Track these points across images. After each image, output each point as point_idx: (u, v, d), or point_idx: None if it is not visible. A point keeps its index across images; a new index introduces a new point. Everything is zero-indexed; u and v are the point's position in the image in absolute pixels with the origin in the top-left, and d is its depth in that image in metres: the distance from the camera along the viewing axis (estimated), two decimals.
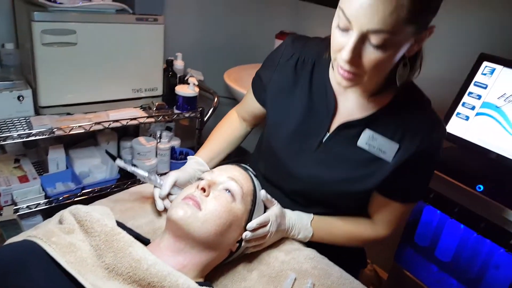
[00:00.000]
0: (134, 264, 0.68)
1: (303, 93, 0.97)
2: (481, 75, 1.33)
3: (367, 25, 0.70)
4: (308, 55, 0.97)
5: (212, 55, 2.24)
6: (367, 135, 0.90)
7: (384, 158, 0.89)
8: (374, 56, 0.74)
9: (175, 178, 0.98)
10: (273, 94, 1.01)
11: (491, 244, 1.20)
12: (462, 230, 1.26)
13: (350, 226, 1.01)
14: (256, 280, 0.86)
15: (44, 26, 1.35)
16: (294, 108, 0.97)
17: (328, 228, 1.00)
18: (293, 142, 0.97)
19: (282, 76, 1.00)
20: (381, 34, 0.70)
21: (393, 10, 0.68)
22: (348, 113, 0.93)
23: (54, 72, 1.43)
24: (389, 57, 0.75)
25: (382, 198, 0.96)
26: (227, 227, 0.80)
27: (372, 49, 0.73)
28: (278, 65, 1.01)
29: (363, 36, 0.72)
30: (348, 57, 0.74)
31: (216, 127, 1.21)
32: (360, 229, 1.01)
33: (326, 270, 0.91)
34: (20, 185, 1.44)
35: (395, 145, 0.88)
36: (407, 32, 0.72)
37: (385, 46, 0.72)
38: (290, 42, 1.01)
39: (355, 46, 0.73)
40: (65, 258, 0.68)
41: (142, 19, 1.56)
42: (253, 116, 1.15)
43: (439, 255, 1.33)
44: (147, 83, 1.68)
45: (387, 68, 0.81)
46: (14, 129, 1.37)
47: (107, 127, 1.54)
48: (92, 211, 0.77)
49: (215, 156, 1.13)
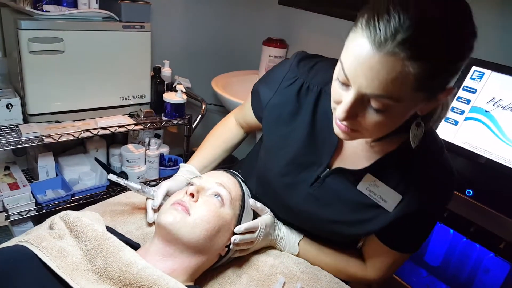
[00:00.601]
0: (125, 268, 0.69)
1: (303, 123, 0.89)
2: (470, 79, 1.33)
3: (366, 88, 0.62)
4: (314, 82, 0.89)
5: (199, 62, 2.25)
6: (368, 181, 0.83)
7: (384, 207, 0.83)
8: (374, 119, 0.66)
9: (167, 188, 0.98)
10: (271, 119, 0.94)
11: (480, 249, 1.21)
12: (452, 235, 1.28)
13: (339, 260, 0.96)
14: (246, 284, 0.87)
15: (31, 34, 1.35)
16: (293, 137, 0.90)
17: (315, 255, 0.97)
18: (288, 173, 0.91)
19: (282, 101, 0.91)
20: (382, 99, 0.62)
21: (397, 77, 0.59)
22: (351, 153, 0.86)
23: (42, 80, 1.43)
24: (391, 120, 0.67)
25: (379, 243, 0.90)
26: (216, 231, 0.81)
27: (373, 112, 0.65)
28: (279, 88, 0.92)
29: (362, 97, 0.64)
30: (343, 117, 0.67)
31: (212, 132, 1.16)
32: (348, 266, 0.96)
33: (315, 274, 0.93)
34: (11, 192, 1.44)
35: (398, 196, 0.81)
36: (414, 98, 0.63)
37: (388, 111, 0.64)
38: (295, 64, 0.92)
39: (352, 105, 0.65)
40: (56, 262, 0.68)
41: (129, 27, 1.56)
42: (251, 126, 1.11)
43: (429, 260, 1.35)
44: (135, 90, 1.68)
45: (390, 129, 0.71)
46: (3, 137, 1.37)
47: (95, 134, 1.55)
48: (82, 217, 0.78)
49: (209, 164, 1.11)
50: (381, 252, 0.92)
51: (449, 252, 1.30)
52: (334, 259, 0.97)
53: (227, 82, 2.06)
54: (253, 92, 1.05)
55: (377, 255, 0.93)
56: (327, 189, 0.88)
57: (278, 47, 2.13)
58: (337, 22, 1.92)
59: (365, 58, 0.60)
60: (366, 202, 0.84)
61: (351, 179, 0.85)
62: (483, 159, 1.25)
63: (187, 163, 1.11)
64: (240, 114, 1.13)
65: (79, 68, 1.50)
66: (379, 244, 0.90)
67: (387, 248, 0.90)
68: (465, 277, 1.27)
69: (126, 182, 0.98)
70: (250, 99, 1.06)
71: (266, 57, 2.15)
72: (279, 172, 0.92)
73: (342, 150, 0.87)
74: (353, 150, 0.86)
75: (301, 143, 0.89)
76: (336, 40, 1.98)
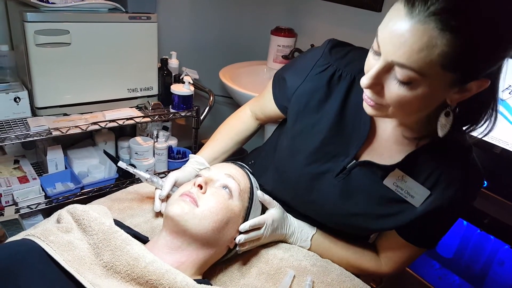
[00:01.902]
0: (132, 262, 0.68)
1: (333, 110, 0.86)
2: None
3: (392, 55, 0.62)
4: (347, 70, 0.86)
5: (206, 53, 2.23)
6: (396, 176, 0.82)
7: (411, 202, 0.81)
8: (397, 92, 0.64)
9: (174, 178, 0.97)
10: (299, 106, 0.90)
11: (495, 241, 1.19)
12: (465, 226, 1.26)
13: (352, 254, 0.95)
14: (255, 277, 0.86)
15: (37, 27, 1.34)
16: (321, 125, 0.87)
17: (327, 249, 0.95)
18: (312, 162, 0.88)
19: (311, 88, 0.88)
20: (406, 70, 0.61)
21: (423, 48, 0.58)
22: (380, 146, 0.84)
23: (49, 73, 1.43)
24: (416, 98, 0.64)
25: (397, 237, 0.89)
26: (224, 224, 0.80)
27: (396, 83, 0.64)
28: (310, 73, 0.89)
29: (389, 65, 0.63)
30: (366, 83, 0.66)
31: (224, 123, 1.13)
32: (361, 260, 0.95)
33: (325, 267, 0.91)
34: (20, 185, 1.45)
35: (426, 192, 0.80)
36: (441, 77, 0.61)
37: (411, 85, 0.63)
38: (327, 50, 0.89)
39: (377, 73, 0.65)
40: (63, 256, 0.68)
41: (135, 18, 1.55)
42: (268, 117, 1.07)
43: (441, 252, 1.33)
44: (142, 82, 1.67)
45: (416, 110, 0.69)
46: (12, 130, 1.37)
47: (104, 127, 1.54)
48: (90, 210, 0.77)
49: (219, 156, 1.09)
50: (398, 246, 0.91)
51: (462, 244, 1.28)
52: (347, 252, 0.95)
53: (235, 73, 2.03)
54: (276, 80, 1.01)
55: (393, 249, 0.92)
56: (352, 181, 0.86)
57: (286, 37, 2.10)
58: (347, 10, 1.88)
59: (397, 25, 0.60)
60: (392, 196, 0.83)
61: (378, 173, 0.83)
62: (498, 149, 1.22)
63: (197, 154, 1.09)
64: (257, 105, 1.09)
65: (86, 60, 1.49)
66: (396, 238, 0.89)
67: (405, 243, 0.89)
68: (479, 269, 1.25)
69: (135, 170, 0.97)
70: (270, 88, 1.02)
71: (274, 47, 2.12)
72: (303, 161, 0.89)
73: (372, 143, 0.85)
74: (384, 144, 0.84)
75: (329, 132, 0.86)
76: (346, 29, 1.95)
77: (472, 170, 0.81)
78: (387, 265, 0.94)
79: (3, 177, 1.46)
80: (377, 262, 0.95)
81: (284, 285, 0.83)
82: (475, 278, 1.26)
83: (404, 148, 0.81)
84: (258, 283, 0.84)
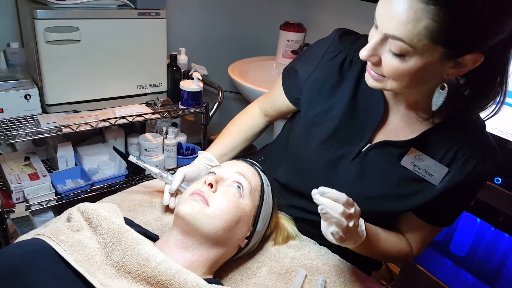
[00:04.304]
0: (143, 262, 0.68)
1: (346, 95, 0.87)
2: None
3: (386, 28, 0.65)
4: (357, 54, 0.84)
5: (215, 49, 2.22)
6: (413, 156, 0.82)
7: (430, 181, 0.82)
8: (391, 63, 0.68)
9: (183, 174, 0.97)
10: (312, 93, 0.91)
11: (509, 238, 1.17)
12: (479, 224, 1.24)
13: (393, 242, 0.90)
14: (266, 276, 0.85)
15: (47, 24, 1.34)
16: (335, 110, 0.88)
17: (375, 238, 0.86)
18: (328, 148, 0.88)
19: (324, 74, 0.90)
20: (398, 42, 0.64)
21: (409, 20, 0.61)
22: (395, 127, 0.86)
23: (59, 70, 1.43)
24: (410, 70, 0.67)
25: (417, 219, 0.89)
26: (235, 222, 0.79)
27: (390, 55, 0.67)
28: (322, 61, 0.91)
29: (384, 38, 0.67)
30: (364, 55, 0.70)
31: (233, 121, 1.14)
32: (400, 245, 0.92)
33: (337, 266, 0.90)
34: (31, 182, 1.45)
35: (444, 169, 0.81)
36: (431, 50, 0.64)
37: (404, 57, 0.66)
38: (337, 37, 0.92)
39: (374, 46, 0.69)
40: (74, 256, 0.68)
41: (144, 14, 1.54)
42: (279, 112, 1.07)
43: (454, 250, 1.31)
44: (152, 79, 1.67)
45: (412, 82, 0.71)
46: (22, 127, 1.38)
47: (113, 124, 1.54)
48: (100, 209, 0.77)
49: (228, 152, 1.09)
50: (421, 229, 0.91)
51: (476, 242, 1.26)
52: (389, 239, 0.90)
53: (244, 68, 2.02)
54: (286, 73, 1.02)
55: (417, 233, 0.92)
56: (370, 164, 0.86)
57: (295, 31, 2.08)
58: (357, 4, 1.85)
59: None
60: (410, 176, 0.83)
61: (395, 153, 0.84)
62: None
63: (206, 150, 1.09)
64: (266, 101, 1.10)
65: (95, 57, 1.49)
66: (418, 222, 0.89)
67: (427, 224, 0.89)
68: (493, 267, 1.23)
69: (145, 165, 0.97)
70: (280, 83, 1.03)
71: (283, 42, 2.10)
72: (318, 147, 0.89)
73: (386, 124, 0.86)
74: (398, 124, 0.85)
75: (343, 116, 0.87)
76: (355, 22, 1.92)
77: (488, 144, 0.82)
78: (415, 247, 0.93)
79: (14, 174, 1.47)
80: (408, 244, 0.94)
81: (296, 284, 0.82)
82: (489, 277, 1.24)
83: (419, 128, 0.83)
84: (269, 283, 0.83)
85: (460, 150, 0.80)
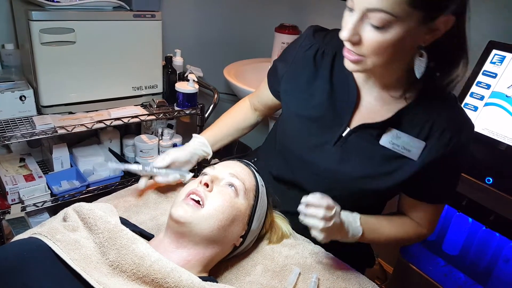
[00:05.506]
0: (138, 261, 0.69)
1: (323, 84, 0.93)
2: (490, 63, 1.28)
3: (365, 3, 0.69)
4: (328, 47, 0.93)
5: (211, 50, 2.23)
6: (390, 134, 0.86)
7: (409, 156, 0.85)
8: (373, 37, 0.72)
9: (173, 159, 0.99)
10: (290, 85, 0.98)
11: (500, 238, 1.18)
12: (471, 223, 1.25)
13: (397, 227, 0.95)
14: (260, 274, 0.86)
15: (42, 25, 1.35)
16: (314, 100, 0.93)
17: (376, 229, 0.92)
18: (310, 135, 0.93)
19: (299, 67, 0.96)
20: (380, 14, 0.68)
21: None
22: (370, 109, 0.89)
23: (54, 71, 1.43)
24: (391, 41, 0.71)
25: (413, 200, 0.93)
26: (230, 222, 0.81)
27: (372, 29, 0.71)
28: (296, 56, 0.97)
29: (363, 14, 0.70)
30: (345, 35, 0.73)
31: (226, 112, 1.18)
32: (406, 229, 0.95)
33: (331, 264, 0.91)
34: (26, 183, 1.46)
35: (421, 143, 0.84)
36: (410, 16, 0.68)
37: (385, 28, 0.70)
38: (310, 33, 0.98)
39: (354, 24, 0.72)
40: (70, 255, 0.68)
41: (140, 16, 1.55)
42: (267, 107, 1.13)
43: (447, 249, 1.32)
44: (147, 80, 1.68)
45: (393, 54, 0.75)
46: (18, 129, 1.38)
47: (109, 125, 1.55)
48: (95, 209, 0.78)
49: (221, 139, 1.12)
50: (421, 208, 0.93)
51: (467, 241, 1.27)
52: (394, 229, 0.95)
53: (239, 70, 2.03)
54: (270, 69, 1.08)
55: (419, 212, 0.95)
56: (351, 147, 0.90)
57: (290, 34, 2.09)
58: None
59: None
60: (391, 154, 0.87)
61: (374, 134, 0.88)
62: (503, 145, 1.21)
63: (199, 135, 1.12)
64: (255, 97, 1.15)
65: (90, 58, 1.49)
66: (414, 202, 0.93)
67: (420, 202, 0.92)
68: (484, 266, 1.24)
69: (126, 166, 1.00)
70: (266, 79, 1.09)
71: (278, 44, 2.12)
72: (303, 135, 0.94)
73: (361, 107, 0.90)
74: (373, 106, 0.89)
75: (322, 105, 0.92)
76: None
77: (461, 116, 0.86)
78: (424, 225, 0.96)
79: (9, 175, 1.47)
80: (416, 225, 0.96)
81: (290, 282, 0.83)
82: (481, 275, 1.26)
83: (393, 107, 0.86)
84: (264, 281, 0.84)
85: (435, 124, 0.84)
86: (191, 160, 1.06)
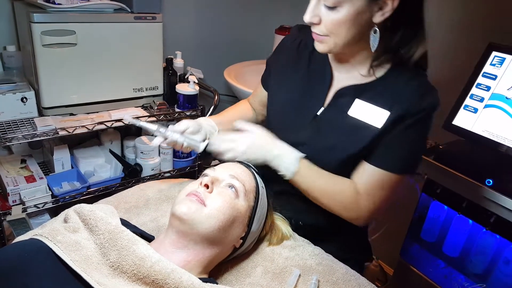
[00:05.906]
0: (138, 262, 0.69)
1: (302, 70, 1.04)
2: (490, 65, 1.28)
3: None
4: (310, 39, 0.98)
5: (211, 52, 2.24)
6: (358, 105, 0.94)
7: (374, 125, 0.91)
8: (328, 17, 0.83)
9: (186, 126, 1.02)
10: (276, 73, 1.10)
11: (500, 239, 1.18)
12: (471, 225, 1.25)
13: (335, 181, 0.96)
14: (260, 276, 0.86)
15: (44, 28, 1.35)
16: (294, 84, 1.04)
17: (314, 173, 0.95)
18: (289, 115, 1.03)
19: (284, 57, 1.09)
20: None
21: None
22: (342, 87, 0.98)
23: (56, 73, 1.44)
24: (344, 18, 0.82)
25: (367, 165, 0.94)
26: (231, 223, 0.81)
27: (326, 10, 0.82)
28: (282, 49, 1.11)
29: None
30: (307, 18, 0.85)
31: (230, 107, 1.26)
32: (342, 187, 0.96)
33: (331, 266, 0.91)
34: (27, 184, 1.46)
35: (386, 112, 0.90)
36: None
37: (337, 8, 0.81)
38: (296, 29, 1.11)
39: (312, 7, 0.84)
40: (71, 256, 0.68)
41: (141, 18, 1.56)
42: (262, 104, 1.19)
43: (447, 251, 1.32)
44: (148, 82, 1.68)
45: (348, 31, 0.84)
46: (19, 130, 1.38)
47: (109, 126, 1.55)
48: (96, 210, 0.78)
49: (225, 123, 1.15)
50: (371, 174, 0.94)
51: (468, 243, 1.27)
52: (331, 178, 0.96)
53: (240, 72, 2.04)
54: (265, 68, 1.18)
55: (366, 179, 0.95)
56: (324, 122, 0.98)
57: None
58: None
59: None
60: (358, 124, 0.93)
61: (344, 105, 0.96)
62: (503, 147, 1.21)
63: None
64: (253, 96, 1.25)
65: (92, 60, 1.50)
66: (368, 167, 0.94)
67: (377, 168, 0.93)
68: (485, 268, 1.24)
69: (141, 123, 1.01)
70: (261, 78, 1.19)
71: None
72: (281, 115, 1.06)
73: (335, 87, 0.99)
74: (344, 84, 0.97)
75: (300, 88, 1.03)
76: None
77: (426, 86, 0.91)
78: (362, 188, 0.95)
79: (10, 176, 1.48)
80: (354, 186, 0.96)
81: (290, 284, 0.84)
82: (481, 277, 1.26)
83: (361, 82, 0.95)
84: (264, 282, 0.84)
85: (399, 94, 0.90)
86: (201, 131, 1.06)
